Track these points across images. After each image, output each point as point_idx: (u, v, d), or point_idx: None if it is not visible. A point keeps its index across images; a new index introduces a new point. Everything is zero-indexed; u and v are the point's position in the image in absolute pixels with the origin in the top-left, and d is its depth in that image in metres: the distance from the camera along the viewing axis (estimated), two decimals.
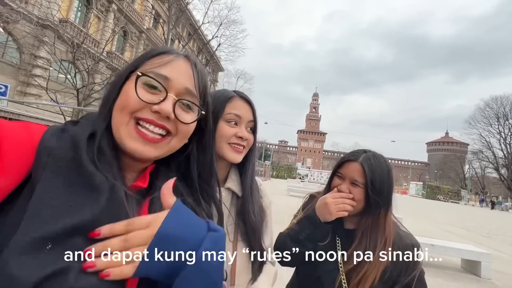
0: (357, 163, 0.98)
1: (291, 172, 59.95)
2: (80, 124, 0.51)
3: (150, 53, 0.57)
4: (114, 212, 0.44)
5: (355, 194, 0.96)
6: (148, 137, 0.51)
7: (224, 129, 0.85)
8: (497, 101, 47.09)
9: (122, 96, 0.52)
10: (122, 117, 0.50)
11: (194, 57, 0.60)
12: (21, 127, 0.45)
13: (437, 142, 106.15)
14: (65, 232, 0.38)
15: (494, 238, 9.33)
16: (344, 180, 1.00)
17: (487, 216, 20.43)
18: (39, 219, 0.37)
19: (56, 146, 0.44)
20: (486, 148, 47.86)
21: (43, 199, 0.39)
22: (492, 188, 58.44)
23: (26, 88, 15.60)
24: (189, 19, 27.62)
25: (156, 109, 0.51)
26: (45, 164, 0.42)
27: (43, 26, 15.31)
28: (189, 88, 0.55)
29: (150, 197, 0.54)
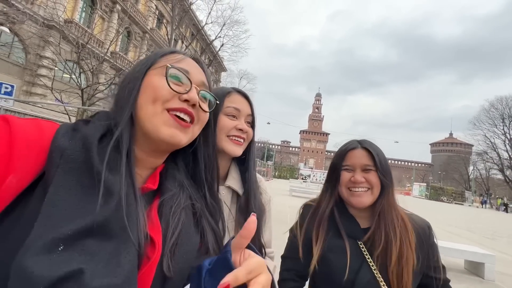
0: (361, 149, 0.97)
1: (294, 172, 59.88)
2: (92, 124, 0.51)
3: (161, 52, 0.61)
4: (123, 214, 0.44)
5: (372, 179, 0.94)
6: (182, 124, 0.55)
7: (224, 121, 0.86)
8: (502, 102, 46.57)
9: (149, 89, 0.54)
10: (156, 108, 0.53)
11: (200, 58, 0.66)
12: (32, 124, 0.45)
13: (441, 143, 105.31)
14: (77, 234, 0.38)
15: (498, 240, 9.24)
16: (354, 171, 0.97)
17: (492, 218, 20.23)
18: (51, 220, 0.38)
19: (68, 146, 0.44)
20: (491, 149, 47.37)
21: (55, 201, 0.39)
22: (497, 189, 57.83)
23: (31, 87, 15.78)
24: (192, 20, 27.73)
25: (185, 97, 0.55)
26: (57, 165, 0.42)
27: (49, 26, 15.49)
28: (204, 81, 0.61)
29: (160, 200, 0.55)
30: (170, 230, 0.52)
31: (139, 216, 0.48)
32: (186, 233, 0.54)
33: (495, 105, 47.06)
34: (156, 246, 0.48)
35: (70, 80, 15.54)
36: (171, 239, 0.51)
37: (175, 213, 0.54)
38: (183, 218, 0.55)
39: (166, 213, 0.54)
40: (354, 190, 0.95)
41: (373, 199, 0.95)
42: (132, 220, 0.45)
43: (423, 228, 0.95)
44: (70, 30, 15.08)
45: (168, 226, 0.52)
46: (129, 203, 0.46)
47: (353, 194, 0.95)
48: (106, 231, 0.42)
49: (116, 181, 0.46)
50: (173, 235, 0.51)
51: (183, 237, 0.53)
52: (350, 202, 0.96)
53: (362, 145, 0.99)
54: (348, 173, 0.98)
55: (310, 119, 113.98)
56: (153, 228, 0.51)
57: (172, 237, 0.51)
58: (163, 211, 0.54)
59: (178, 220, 0.54)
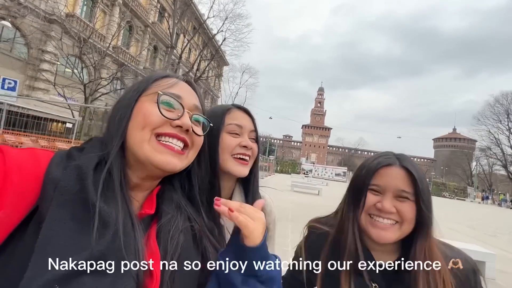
0: (399, 168, 0.74)
1: (295, 167, 59.94)
2: (86, 152, 0.51)
3: (153, 77, 0.61)
4: (120, 245, 0.44)
5: (405, 211, 0.72)
6: (175, 150, 0.55)
7: (227, 139, 0.81)
8: (507, 97, 45.89)
9: (139, 116, 0.54)
10: (144, 135, 0.53)
11: (192, 81, 0.67)
12: (28, 155, 0.45)
13: (444, 138, 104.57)
14: (72, 273, 0.38)
15: (499, 237, 9.25)
16: (384, 195, 0.74)
17: (493, 214, 20.22)
18: (45, 260, 0.37)
19: (61, 178, 0.43)
20: (495, 145, 46.95)
21: (49, 237, 0.39)
22: (499, 185, 57.58)
23: (34, 82, 15.81)
24: (194, 13, 27.44)
25: (178, 123, 0.55)
26: (51, 198, 0.41)
27: (50, 21, 15.41)
28: (197, 104, 0.62)
29: (158, 225, 0.54)
30: (168, 256, 0.51)
31: (138, 246, 0.47)
32: (186, 258, 0.53)
33: (500, 100, 46.41)
34: (154, 277, 0.47)
35: (72, 75, 15.55)
36: (169, 265, 0.50)
37: (173, 237, 0.53)
38: (181, 242, 0.54)
39: (165, 238, 0.53)
40: (377, 220, 0.74)
41: (399, 236, 0.73)
42: (130, 251, 0.45)
43: (464, 272, 0.74)
44: (72, 24, 15.03)
45: (167, 252, 0.51)
46: (127, 233, 0.46)
47: (375, 224, 0.74)
48: (103, 265, 0.41)
49: (111, 211, 0.45)
50: (171, 261, 0.50)
51: (183, 261, 0.52)
52: (369, 233, 0.75)
53: (402, 162, 0.75)
54: (374, 196, 0.75)
55: (312, 113, 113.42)
56: (152, 255, 0.50)
57: (169, 264, 0.50)
58: (161, 236, 0.53)
59: (176, 244, 0.53)
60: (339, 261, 0.75)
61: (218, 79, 37.86)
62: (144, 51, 23.70)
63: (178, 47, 25.48)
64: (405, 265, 0.73)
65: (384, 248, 0.78)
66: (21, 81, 14.70)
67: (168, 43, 24.35)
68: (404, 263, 0.73)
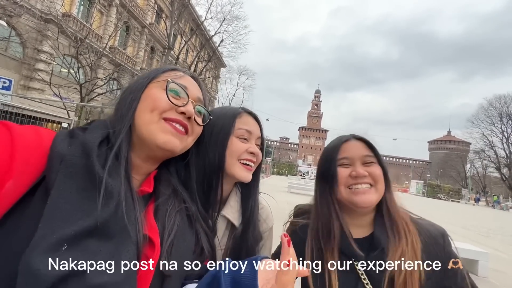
0: (356, 140, 0.85)
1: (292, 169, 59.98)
2: (90, 131, 0.54)
3: (162, 69, 0.66)
4: (122, 215, 0.47)
5: (375, 172, 0.80)
6: (179, 130, 0.60)
7: (237, 144, 0.81)
8: (500, 100, 46.67)
9: (149, 100, 0.58)
10: (153, 117, 0.57)
11: (197, 77, 0.72)
12: (32, 130, 0.47)
13: (439, 141, 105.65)
14: (79, 234, 0.41)
15: (493, 237, 9.38)
16: (353, 165, 0.82)
17: (487, 216, 20.45)
18: (54, 222, 0.40)
19: (67, 152, 0.46)
20: (488, 147, 47.58)
21: (57, 203, 0.42)
22: (493, 187, 58.29)
23: (29, 82, 15.65)
24: (191, 14, 27.46)
25: (182, 110, 0.60)
26: (57, 170, 0.44)
27: (46, 20, 15.30)
28: (200, 97, 0.67)
29: (156, 203, 0.59)
30: (166, 232, 0.55)
31: (138, 217, 0.51)
32: (182, 234, 0.58)
33: (494, 103, 47.17)
34: (155, 247, 0.51)
35: (68, 75, 15.42)
36: (167, 240, 0.54)
37: (170, 215, 0.58)
38: (178, 220, 0.59)
39: (162, 215, 0.57)
40: (357, 187, 0.79)
41: (378, 197, 0.80)
42: (131, 221, 0.48)
43: (434, 237, 0.80)
44: (68, 24, 14.93)
45: (165, 228, 0.55)
46: (128, 205, 0.49)
47: (356, 192, 0.79)
48: (107, 231, 0.45)
49: (115, 184, 0.48)
50: (169, 236, 0.55)
51: (179, 238, 0.56)
52: (354, 202, 0.79)
53: (355, 136, 0.86)
54: (345, 168, 0.82)
55: (309, 115, 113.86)
56: (151, 229, 0.54)
57: (168, 238, 0.54)
58: (159, 214, 0.57)
59: (173, 222, 0.57)
60: (324, 247, 0.80)
61: (215, 81, 37.83)
62: (141, 51, 23.60)
63: (176, 48, 25.45)
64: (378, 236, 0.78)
65: (359, 222, 0.84)
66: (16, 81, 14.53)
67: (165, 44, 24.31)
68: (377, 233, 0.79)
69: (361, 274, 0.76)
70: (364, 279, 0.75)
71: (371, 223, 0.84)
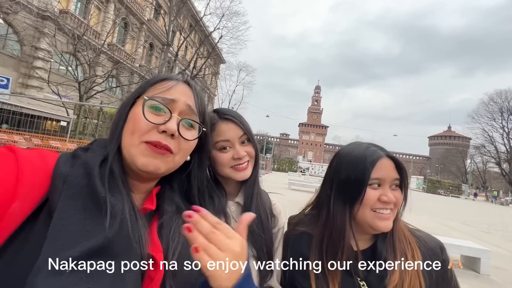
0: (387, 159, 0.77)
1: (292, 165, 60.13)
2: (92, 151, 0.54)
3: (152, 80, 0.63)
4: (126, 234, 0.47)
5: (399, 198, 0.76)
6: (158, 151, 0.56)
7: (220, 157, 0.84)
8: (501, 96, 46.53)
9: (131, 120, 0.57)
10: (133, 140, 0.55)
11: (193, 82, 0.67)
12: (36, 154, 0.49)
13: (439, 136, 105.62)
14: (83, 255, 0.41)
15: (493, 233, 9.38)
16: (382, 186, 0.76)
17: (487, 211, 20.51)
18: (58, 244, 0.40)
19: (70, 173, 0.47)
20: (489, 142, 47.58)
21: (60, 225, 0.42)
22: (493, 182, 58.46)
23: (27, 80, 15.57)
24: (190, 10, 27.23)
25: (162, 128, 0.56)
26: (60, 191, 0.45)
27: (43, 17, 15.16)
28: (191, 106, 0.61)
29: (160, 221, 0.58)
30: (170, 251, 0.53)
31: (142, 236, 0.50)
32: (186, 254, 0.55)
33: (494, 98, 47.05)
34: (159, 265, 0.50)
35: (66, 73, 15.35)
36: (172, 259, 0.52)
37: (174, 234, 0.56)
38: (182, 239, 0.56)
39: (167, 234, 0.56)
40: (381, 212, 0.75)
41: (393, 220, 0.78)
42: (135, 240, 0.48)
43: (432, 248, 0.79)
44: (66, 21, 14.79)
45: (169, 247, 0.54)
46: (132, 223, 0.49)
47: (381, 217, 0.75)
48: (110, 251, 0.44)
49: (117, 202, 0.48)
50: (173, 256, 0.53)
51: (184, 257, 0.54)
52: (376, 227, 0.75)
53: (387, 153, 0.78)
54: (374, 190, 0.75)
55: (309, 111, 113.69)
56: (155, 248, 0.52)
57: (173, 257, 0.53)
58: (163, 232, 0.56)
59: (177, 241, 0.56)
60: (332, 261, 0.76)
61: (214, 77, 37.68)
62: (139, 48, 23.46)
63: (174, 44, 25.28)
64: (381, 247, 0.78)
65: (362, 236, 0.82)
66: (14, 79, 14.45)
67: (164, 40, 24.13)
68: (381, 244, 0.79)
69: (363, 285, 0.75)
70: (363, 284, 0.75)
71: (372, 235, 0.82)
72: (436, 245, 0.81)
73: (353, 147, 0.83)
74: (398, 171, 0.77)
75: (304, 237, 0.84)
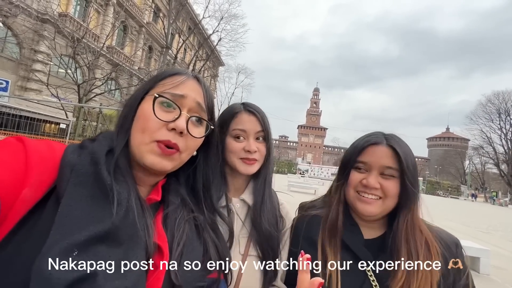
0: (384, 146, 0.77)
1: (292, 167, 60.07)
2: (98, 141, 0.55)
3: (162, 75, 0.63)
4: (132, 222, 0.48)
5: (389, 188, 0.75)
6: (167, 152, 0.56)
7: (232, 145, 0.85)
8: (499, 97, 46.63)
9: (141, 117, 0.57)
10: (144, 138, 0.56)
11: (202, 78, 0.67)
12: (44, 144, 0.50)
13: (437, 138, 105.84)
14: (89, 240, 0.42)
15: (493, 233, 9.39)
16: (370, 172, 0.77)
17: (486, 212, 20.53)
18: (66, 228, 0.41)
19: (77, 162, 0.48)
20: (487, 143, 47.66)
21: (68, 210, 0.43)
22: (492, 183, 58.56)
23: (26, 83, 15.55)
24: (189, 13, 27.33)
25: (172, 126, 0.56)
26: (68, 178, 0.46)
27: (43, 20, 15.19)
28: (200, 103, 0.62)
29: (164, 212, 0.59)
30: (176, 241, 0.55)
31: (147, 224, 0.51)
32: (191, 244, 0.57)
33: (492, 100, 47.16)
34: (164, 255, 0.51)
35: (66, 75, 15.33)
36: (177, 249, 0.54)
37: (179, 225, 0.57)
38: (187, 230, 0.58)
39: (171, 224, 0.57)
40: (363, 195, 0.78)
41: (382, 210, 0.77)
42: (140, 227, 0.49)
43: (448, 244, 0.78)
44: (65, 24, 14.81)
45: (174, 237, 0.55)
46: (136, 212, 0.50)
47: (361, 199, 0.78)
48: (116, 238, 0.45)
49: (123, 191, 0.49)
50: (178, 246, 0.54)
51: (188, 247, 0.56)
52: (355, 208, 0.80)
53: (388, 141, 0.78)
54: (359, 173, 0.79)
55: (308, 113, 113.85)
56: (160, 237, 0.54)
57: (178, 247, 0.54)
58: (168, 223, 0.57)
59: (182, 231, 0.57)
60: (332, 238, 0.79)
61: (213, 80, 37.74)
62: (138, 51, 23.49)
63: (173, 47, 25.34)
64: (389, 239, 0.76)
65: (371, 224, 0.82)
66: (13, 82, 14.43)
67: (163, 43, 24.20)
68: (388, 236, 0.77)
69: (370, 276, 0.75)
70: (373, 281, 0.74)
71: (383, 224, 0.83)
72: (451, 241, 0.79)
73: (364, 135, 0.85)
74: (398, 161, 0.76)
75: (315, 220, 0.87)
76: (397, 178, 0.76)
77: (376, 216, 0.79)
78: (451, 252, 0.77)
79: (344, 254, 0.77)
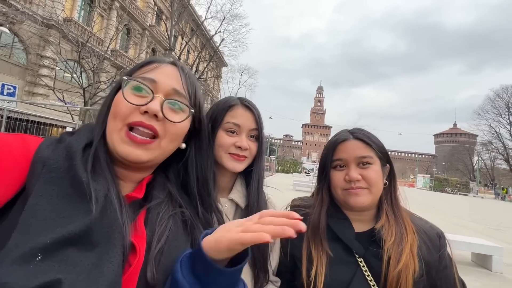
0: (353, 140, 0.83)
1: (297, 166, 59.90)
2: (76, 134, 0.52)
3: (139, 64, 0.60)
4: (108, 222, 0.43)
5: (370, 176, 0.80)
6: (137, 140, 0.51)
7: (223, 138, 0.81)
8: (507, 91, 45.88)
9: (114, 104, 0.53)
10: (116, 124, 0.51)
11: (181, 63, 0.63)
12: (17, 139, 0.45)
13: (445, 134, 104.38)
14: (57, 243, 0.37)
15: (504, 230, 9.19)
16: (348, 167, 0.82)
17: (497, 209, 20.13)
18: (30, 230, 0.37)
19: (51, 156, 0.44)
20: (496, 139, 46.92)
21: (34, 210, 0.39)
22: (502, 179, 57.38)
23: (33, 88, 15.81)
24: (191, 15, 27.45)
25: (144, 109, 0.52)
26: (38, 175, 0.42)
27: (48, 26, 15.41)
28: (177, 89, 0.56)
29: (147, 206, 0.54)
30: (155, 237, 0.49)
31: (125, 223, 0.47)
32: (174, 241, 0.52)
33: (501, 94, 46.45)
34: (138, 253, 0.46)
35: (71, 80, 15.55)
36: (156, 246, 0.48)
37: (162, 219, 0.52)
38: (170, 225, 0.53)
39: (152, 219, 0.52)
40: (350, 190, 0.81)
41: (372, 199, 0.82)
42: (117, 228, 0.44)
43: (429, 236, 0.83)
44: (70, 29, 15.00)
45: (154, 233, 0.50)
46: (113, 210, 0.45)
47: (350, 193, 0.81)
48: (89, 240, 0.41)
49: (100, 188, 0.44)
50: (158, 242, 0.49)
51: (171, 244, 0.51)
52: (348, 203, 0.83)
53: (355, 135, 0.84)
54: (340, 172, 0.83)
55: (312, 112, 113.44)
56: (137, 235, 0.49)
57: (158, 244, 0.49)
58: (148, 218, 0.52)
59: (165, 226, 0.52)
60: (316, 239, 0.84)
61: (217, 80, 37.85)
62: (142, 54, 23.68)
63: (177, 49, 25.48)
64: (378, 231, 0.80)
65: (361, 217, 0.86)
66: (20, 87, 14.68)
67: (166, 45, 24.35)
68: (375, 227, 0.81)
69: (363, 266, 0.79)
70: (366, 271, 0.78)
71: (373, 218, 0.86)
72: (433, 232, 0.85)
73: (332, 137, 0.92)
74: (369, 148, 0.82)
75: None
76: (373, 164, 0.82)
77: (369, 205, 0.82)
78: (435, 244, 0.81)
79: (336, 247, 0.82)
